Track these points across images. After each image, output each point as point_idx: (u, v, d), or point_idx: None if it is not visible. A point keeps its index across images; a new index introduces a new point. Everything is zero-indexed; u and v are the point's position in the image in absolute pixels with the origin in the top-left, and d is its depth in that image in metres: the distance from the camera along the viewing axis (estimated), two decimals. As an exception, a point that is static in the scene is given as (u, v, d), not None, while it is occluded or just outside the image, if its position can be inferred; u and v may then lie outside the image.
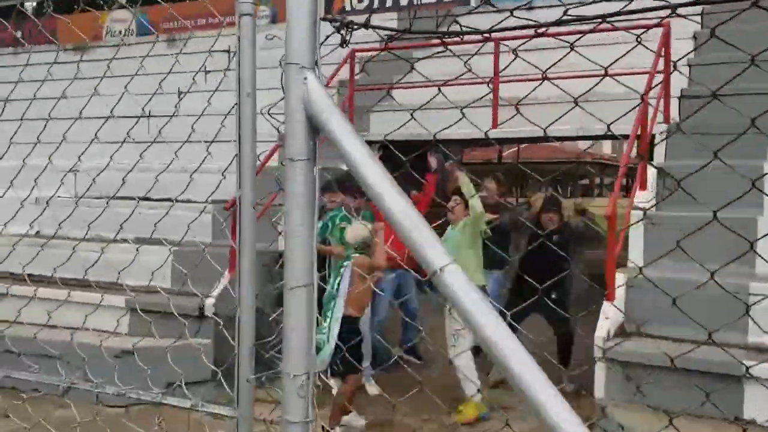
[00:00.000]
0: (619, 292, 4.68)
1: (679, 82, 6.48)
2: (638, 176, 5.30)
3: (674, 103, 6.34)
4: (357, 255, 5.02)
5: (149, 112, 5.47)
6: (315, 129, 1.38)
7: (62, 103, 3.78)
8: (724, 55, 6.59)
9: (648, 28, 5.73)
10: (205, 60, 3.93)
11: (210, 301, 5.73)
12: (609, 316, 4.50)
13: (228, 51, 10.92)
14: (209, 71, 10.39)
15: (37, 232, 8.09)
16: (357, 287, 4.81)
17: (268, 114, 1.53)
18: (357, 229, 5.24)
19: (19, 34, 13.78)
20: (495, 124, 6.62)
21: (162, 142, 3.74)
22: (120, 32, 13.03)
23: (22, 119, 3.96)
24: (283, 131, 1.41)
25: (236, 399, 1.45)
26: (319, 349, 4.71)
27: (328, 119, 1.34)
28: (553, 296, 5.60)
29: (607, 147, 31.07)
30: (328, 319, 4.84)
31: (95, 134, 3.27)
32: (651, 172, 5.43)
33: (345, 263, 5.03)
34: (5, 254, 3.90)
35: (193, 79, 4.07)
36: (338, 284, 4.97)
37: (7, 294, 6.53)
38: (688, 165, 4.44)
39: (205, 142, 2.78)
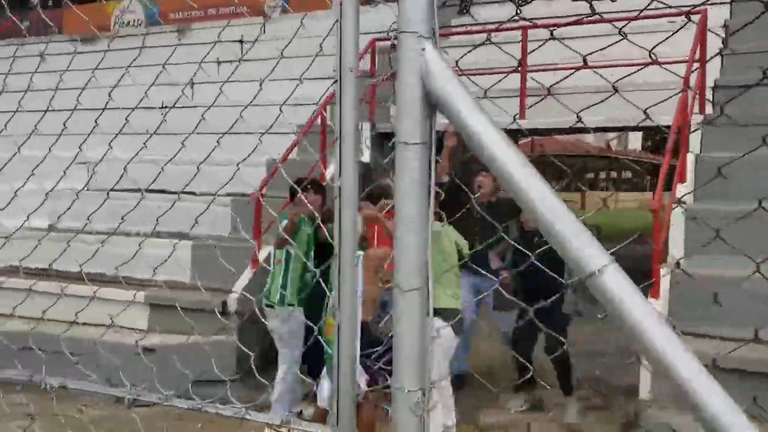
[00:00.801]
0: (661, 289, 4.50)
1: (711, 71, 6.29)
2: (678, 168, 5.12)
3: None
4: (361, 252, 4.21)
5: (170, 102, 5.29)
6: (432, 108, 1.20)
7: (83, 94, 3.59)
8: (754, 45, 6.41)
9: (688, 13, 5.55)
10: (210, 48, 3.75)
11: (233, 297, 5.56)
12: (654, 314, 4.32)
13: (241, 41, 10.73)
14: (222, 62, 10.24)
15: (50, 225, 7.94)
16: (370, 287, 4.11)
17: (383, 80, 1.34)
18: None
19: (25, 25, 13.58)
20: (522, 114, 6.43)
21: (203, 133, 3.58)
22: (129, 23, 12.83)
23: (47, 110, 3.79)
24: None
25: (336, 417, 1.27)
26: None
27: (452, 96, 1.16)
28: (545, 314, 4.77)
29: (635, 141, 30.70)
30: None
31: (125, 120, 3.09)
32: (689, 164, 5.25)
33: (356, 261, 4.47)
34: (26, 248, 3.71)
35: (199, 66, 3.89)
36: None
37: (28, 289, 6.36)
38: (724, 157, 4.28)
39: (261, 132, 2.58)
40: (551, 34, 1.95)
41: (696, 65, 5.78)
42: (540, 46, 5.50)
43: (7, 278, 6.41)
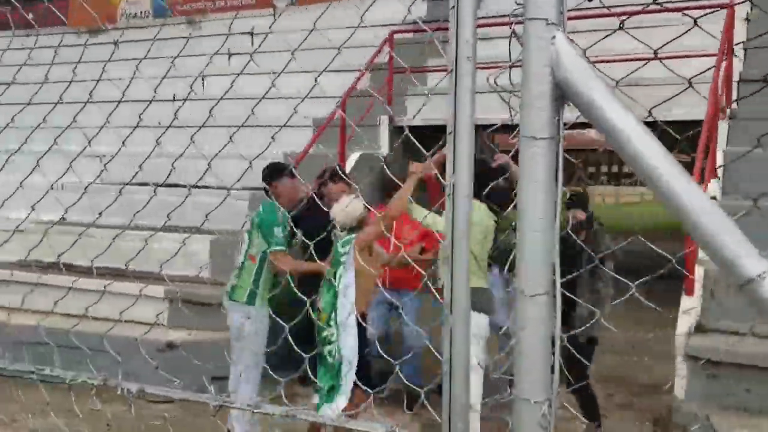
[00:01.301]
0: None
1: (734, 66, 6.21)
2: (708, 165, 5.04)
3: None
4: (353, 236, 3.83)
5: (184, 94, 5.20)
6: (560, 100, 1.12)
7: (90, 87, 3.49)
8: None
9: (718, 7, 5.47)
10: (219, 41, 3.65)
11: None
12: (689, 312, 4.26)
13: (251, 33, 10.62)
14: (232, 54, 10.13)
15: (62, 218, 7.84)
16: (359, 275, 3.72)
17: (495, 83, 1.27)
18: (348, 206, 3.90)
19: (30, 16, 13.45)
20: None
21: (217, 126, 3.49)
22: (135, 14, 12.70)
23: (60, 101, 3.70)
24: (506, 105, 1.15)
25: (448, 425, 1.20)
26: (334, 370, 3.72)
27: (586, 86, 1.08)
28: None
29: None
30: (333, 329, 3.75)
31: (140, 116, 2.99)
32: (719, 161, 5.18)
33: (345, 250, 3.81)
34: (42, 242, 3.63)
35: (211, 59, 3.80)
36: (339, 279, 3.80)
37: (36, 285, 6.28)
38: (752, 152, 4.20)
39: (279, 126, 2.50)
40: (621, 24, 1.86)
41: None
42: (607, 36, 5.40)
43: (42, 274, 6.32)
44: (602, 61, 5.52)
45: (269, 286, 4.37)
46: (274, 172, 4.45)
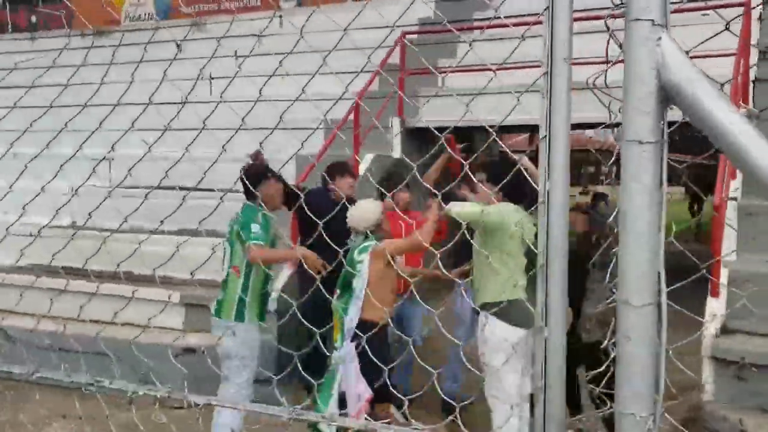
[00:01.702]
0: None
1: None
2: (730, 164, 5.01)
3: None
4: (371, 243, 3.81)
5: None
6: (665, 102, 1.09)
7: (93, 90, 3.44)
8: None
9: (737, 5, 5.44)
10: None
11: (272, 297, 5.43)
12: (715, 314, 4.22)
13: (258, 35, 10.57)
14: (240, 56, 10.06)
15: (73, 223, 7.80)
16: (376, 285, 3.71)
17: (594, 84, 1.23)
18: (364, 209, 3.91)
19: (33, 19, 13.40)
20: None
21: (245, 128, 3.45)
22: (140, 16, 12.64)
23: (84, 105, 3.65)
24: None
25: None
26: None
27: (693, 88, 1.04)
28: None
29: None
30: (339, 335, 3.79)
31: (165, 125, 2.94)
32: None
33: (361, 258, 3.78)
34: (59, 247, 3.57)
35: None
36: (353, 287, 3.79)
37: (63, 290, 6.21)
38: None
39: (302, 128, 2.46)
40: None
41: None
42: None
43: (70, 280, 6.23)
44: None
45: (258, 299, 4.01)
46: (257, 176, 4.06)
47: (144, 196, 2.85)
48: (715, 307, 4.25)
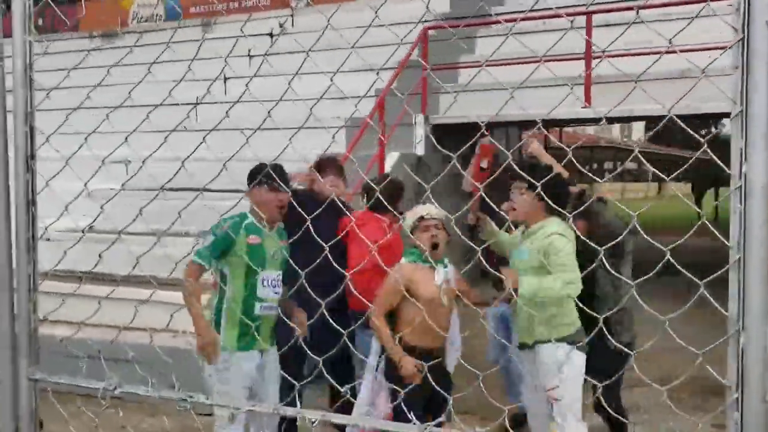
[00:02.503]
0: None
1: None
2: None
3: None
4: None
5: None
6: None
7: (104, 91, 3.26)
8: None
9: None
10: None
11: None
12: None
13: (270, 34, 10.40)
14: (253, 55, 9.91)
15: (91, 226, 7.62)
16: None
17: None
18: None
19: (40, 21, 13.25)
20: (589, 102, 6.17)
21: (275, 128, 3.28)
22: (147, 18, 12.49)
23: (114, 107, 3.47)
24: None
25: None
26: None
27: None
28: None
29: (638, 132, 29.86)
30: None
31: (185, 126, 2.77)
32: None
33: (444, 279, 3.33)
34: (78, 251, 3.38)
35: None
36: None
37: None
38: None
39: (329, 127, 2.28)
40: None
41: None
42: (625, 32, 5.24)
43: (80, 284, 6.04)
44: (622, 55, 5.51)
45: (240, 323, 3.22)
46: (251, 178, 3.46)
47: (193, 198, 2.58)
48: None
